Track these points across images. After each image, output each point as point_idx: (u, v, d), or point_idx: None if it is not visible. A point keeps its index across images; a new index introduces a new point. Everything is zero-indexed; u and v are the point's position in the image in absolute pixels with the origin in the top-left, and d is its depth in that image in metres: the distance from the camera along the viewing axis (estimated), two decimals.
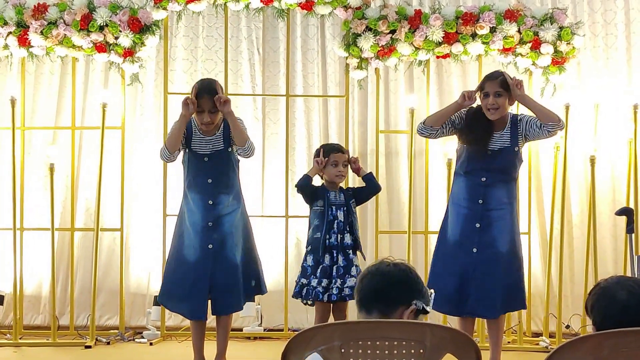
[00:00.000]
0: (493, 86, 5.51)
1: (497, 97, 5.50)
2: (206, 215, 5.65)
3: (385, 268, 2.89)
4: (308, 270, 5.80)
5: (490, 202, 5.56)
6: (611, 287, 2.84)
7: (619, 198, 7.20)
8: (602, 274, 6.56)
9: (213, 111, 5.61)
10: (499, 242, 5.54)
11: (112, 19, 6.73)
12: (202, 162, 5.66)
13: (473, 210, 5.58)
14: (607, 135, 7.21)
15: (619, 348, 2.53)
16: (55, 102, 7.48)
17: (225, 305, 5.68)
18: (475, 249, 5.54)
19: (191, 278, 5.63)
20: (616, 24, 7.41)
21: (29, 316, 7.32)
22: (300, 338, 2.58)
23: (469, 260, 5.54)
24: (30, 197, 7.22)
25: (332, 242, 5.76)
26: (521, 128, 5.58)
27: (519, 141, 5.59)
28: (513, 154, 5.59)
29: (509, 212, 5.60)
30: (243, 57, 7.58)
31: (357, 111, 7.54)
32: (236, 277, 5.65)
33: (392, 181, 7.50)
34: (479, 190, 5.57)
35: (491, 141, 5.56)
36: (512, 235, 5.60)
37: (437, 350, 2.57)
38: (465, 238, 5.59)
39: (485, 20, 6.76)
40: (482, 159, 5.57)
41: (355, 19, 6.85)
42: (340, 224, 5.81)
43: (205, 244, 5.63)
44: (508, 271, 5.54)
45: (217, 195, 5.66)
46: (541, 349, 6.75)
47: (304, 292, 5.77)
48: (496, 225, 5.55)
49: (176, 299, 5.74)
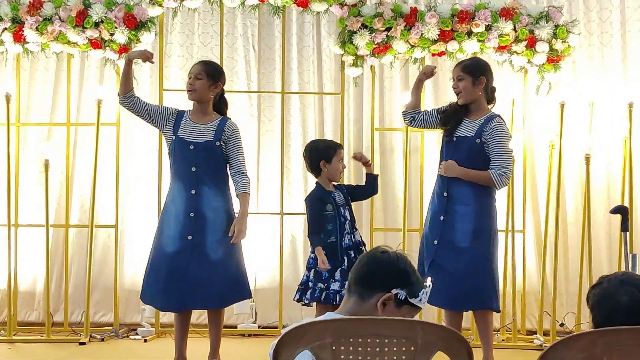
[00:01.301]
0: (456, 71, 5.70)
1: (459, 80, 5.63)
2: (188, 205, 5.58)
3: (374, 253, 2.90)
4: (324, 275, 5.58)
5: (454, 195, 5.57)
6: (613, 291, 2.82)
7: (614, 196, 7.20)
8: (596, 272, 6.58)
9: (198, 78, 5.65)
10: (459, 237, 5.54)
11: (107, 16, 6.72)
12: (188, 150, 5.61)
13: (439, 203, 5.63)
14: (602, 134, 7.21)
15: (612, 346, 2.53)
16: (50, 99, 7.46)
17: (199, 299, 5.57)
18: (437, 241, 5.58)
19: (167, 269, 5.54)
20: (611, 22, 7.41)
21: (23, 312, 7.31)
22: (293, 334, 2.58)
23: (431, 253, 5.59)
24: (24, 194, 7.21)
25: (347, 244, 5.66)
26: (486, 133, 5.53)
27: (482, 136, 5.54)
28: (474, 145, 5.55)
29: (473, 209, 5.55)
30: (238, 54, 7.57)
31: (353, 108, 7.53)
32: (213, 273, 5.53)
33: (387, 178, 7.50)
34: (444, 184, 5.62)
35: (460, 127, 5.62)
36: (477, 232, 5.53)
37: (429, 347, 2.57)
38: (432, 231, 5.64)
39: (481, 18, 6.76)
40: (447, 146, 5.66)
41: (351, 17, 6.85)
42: (350, 224, 5.74)
43: (185, 234, 5.55)
44: (469, 268, 5.50)
45: (200, 186, 5.59)
46: (535, 347, 6.76)
47: (323, 297, 5.57)
48: (459, 220, 5.55)
49: (151, 290, 5.65)
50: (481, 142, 5.53)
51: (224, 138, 5.68)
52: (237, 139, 5.74)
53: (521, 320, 7.07)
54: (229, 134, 5.71)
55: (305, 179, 7.44)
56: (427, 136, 7.18)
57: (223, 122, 5.73)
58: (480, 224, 5.56)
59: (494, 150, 5.53)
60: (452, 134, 5.63)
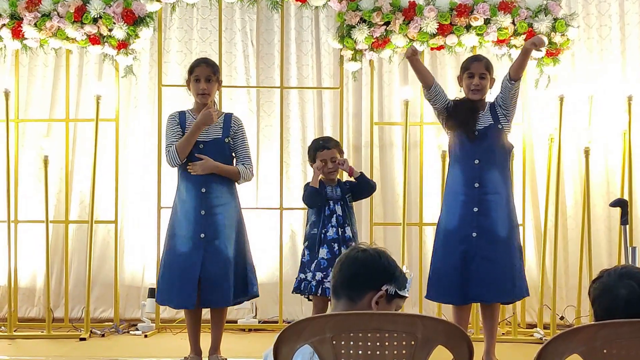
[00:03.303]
0: (479, 67, 5.65)
1: (482, 79, 5.63)
2: (199, 203, 5.59)
3: (354, 254, 2.88)
4: (305, 265, 5.78)
5: (487, 184, 5.57)
6: (613, 284, 2.83)
7: (613, 190, 7.21)
8: (596, 266, 6.59)
9: (209, 80, 5.62)
10: (498, 226, 5.55)
11: (106, 11, 6.72)
12: (197, 149, 5.60)
13: (470, 195, 5.58)
14: (602, 127, 7.21)
15: (612, 339, 2.53)
16: (49, 95, 7.47)
17: (213, 298, 5.58)
18: (475, 233, 5.55)
19: (181, 267, 5.55)
20: (610, 16, 7.41)
21: (23, 308, 7.31)
22: (292, 330, 2.58)
23: (469, 246, 5.53)
24: (24, 190, 7.21)
25: (331, 236, 5.73)
26: (496, 104, 5.66)
27: (500, 118, 5.62)
28: (498, 131, 5.62)
29: (505, 198, 5.61)
30: (237, 49, 7.57)
31: (352, 103, 7.53)
32: (227, 271, 5.56)
33: (387, 173, 7.51)
34: (475, 174, 5.59)
35: (477, 122, 5.62)
36: (510, 222, 5.61)
37: (429, 342, 2.57)
38: (464, 223, 5.58)
39: (480, 11, 6.76)
40: (471, 142, 5.62)
41: (350, 11, 6.85)
42: (340, 218, 5.78)
43: (198, 233, 5.56)
44: (508, 257, 5.55)
45: (210, 184, 5.60)
46: (535, 340, 6.76)
47: (302, 287, 5.76)
48: (494, 209, 5.56)
49: (168, 291, 5.65)
50: (502, 126, 5.64)
51: (231, 134, 5.70)
52: (243, 133, 5.79)
53: (521, 313, 7.08)
54: (236, 129, 5.74)
55: (304, 173, 7.44)
56: (426, 130, 7.17)
57: (229, 118, 5.75)
58: (511, 212, 5.66)
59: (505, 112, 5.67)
60: (474, 127, 5.63)
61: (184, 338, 5.96)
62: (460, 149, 5.67)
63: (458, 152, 5.68)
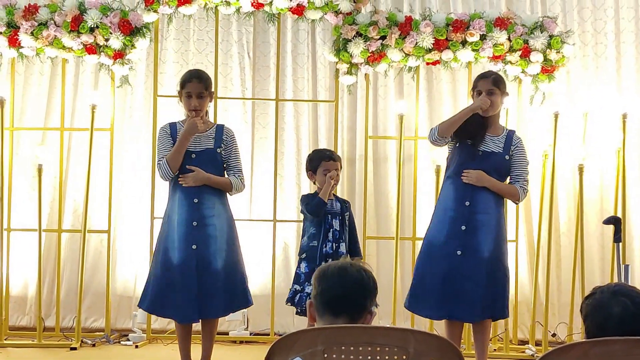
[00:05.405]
0: (486, 84, 5.63)
1: (490, 95, 5.59)
2: (191, 214, 5.56)
3: (354, 272, 2.85)
4: (302, 277, 5.74)
5: (477, 204, 5.56)
6: (606, 301, 2.83)
7: (607, 207, 7.21)
8: (588, 283, 6.59)
9: (201, 97, 5.61)
10: (483, 247, 5.53)
11: (102, 21, 6.72)
12: (189, 160, 5.59)
13: (459, 212, 5.57)
14: (596, 144, 7.23)
15: (604, 356, 2.53)
16: (44, 103, 7.47)
17: (207, 309, 5.56)
18: (460, 251, 5.54)
19: (178, 282, 5.53)
20: (606, 34, 7.43)
21: (14, 317, 7.28)
22: (284, 342, 2.58)
23: (452, 263, 5.53)
24: (17, 198, 7.20)
25: (327, 251, 5.72)
26: (513, 148, 5.66)
27: (510, 152, 5.64)
28: (503, 161, 5.63)
29: (495, 218, 5.59)
30: (233, 61, 7.58)
31: (347, 116, 7.54)
32: (218, 282, 5.54)
33: (381, 187, 7.51)
34: (467, 192, 5.58)
35: (484, 141, 5.61)
36: (497, 242, 5.58)
37: (421, 356, 2.57)
38: (450, 240, 5.57)
39: (476, 27, 6.77)
40: (472, 160, 5.60)
41: (346, 25, 6.86)
42: (336, 233, 5.77)
43: (189, 244, 5.53)
44: (491, 277, 5.53)
45: (203, 194, 5.58)
46: (527, 357, 6.76)
47: (296, 299, 5.71)
48: (482, 229, 5.55)
49: (166, 304, 5.60)
50: (509, 158, 5.64)
51: (223, 145, 5.69)
52: (235, 144, 5.78)
53: (513, 330, 7.07)
54: (228, 140, 5.73)
55: (298, 186, 7.45)
56: (420, 145, 7.18)
57: (220, 129, 5.74)
58: (500, 233, 5.62)
59: (517, 165, 5.66)
60: (476, 147, 5.62)
61: (174, 349, 5.93)
62: (460, 165, 5.64)
63: (457, 167, 5.65)
